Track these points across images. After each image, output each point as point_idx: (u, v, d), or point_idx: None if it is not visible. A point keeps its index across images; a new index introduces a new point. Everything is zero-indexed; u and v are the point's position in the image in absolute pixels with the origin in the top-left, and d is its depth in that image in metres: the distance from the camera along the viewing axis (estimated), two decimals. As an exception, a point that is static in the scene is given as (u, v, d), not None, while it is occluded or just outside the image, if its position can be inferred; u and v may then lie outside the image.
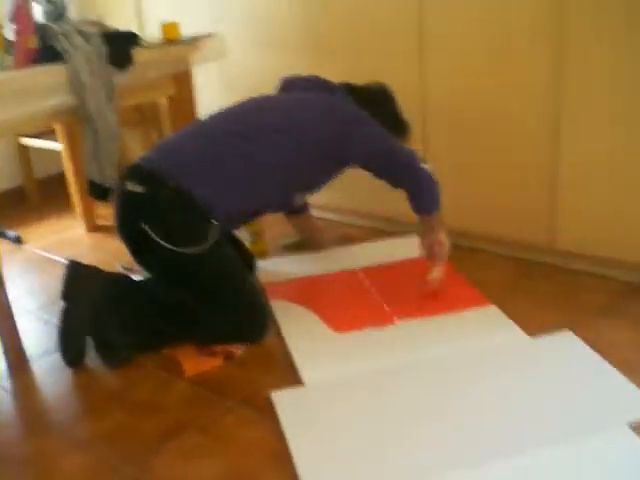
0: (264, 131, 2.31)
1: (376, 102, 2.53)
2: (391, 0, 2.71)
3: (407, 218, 2.93)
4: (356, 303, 2.43)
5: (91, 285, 2.22)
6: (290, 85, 2.53)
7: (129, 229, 2.24)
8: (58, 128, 3.32)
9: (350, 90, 2.54)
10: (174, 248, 2.16)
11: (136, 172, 2.26)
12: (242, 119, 2.39)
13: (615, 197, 2.39)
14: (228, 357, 2.19)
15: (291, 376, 2.07)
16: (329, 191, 2.61)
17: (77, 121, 2.59)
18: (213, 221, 2.21)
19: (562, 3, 2.29)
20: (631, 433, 1.69)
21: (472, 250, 2.84)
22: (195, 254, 2.18)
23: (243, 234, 2.84)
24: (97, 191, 2.62)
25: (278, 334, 2.30)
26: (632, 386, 1.87)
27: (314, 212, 3.04)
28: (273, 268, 2.76)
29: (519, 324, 2.22)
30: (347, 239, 3.03)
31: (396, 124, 2.56)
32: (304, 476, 1.64)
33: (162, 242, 2.15)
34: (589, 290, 2.45)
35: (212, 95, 3.27)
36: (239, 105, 2.46)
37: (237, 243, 2.61)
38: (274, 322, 2.36)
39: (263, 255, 2.90)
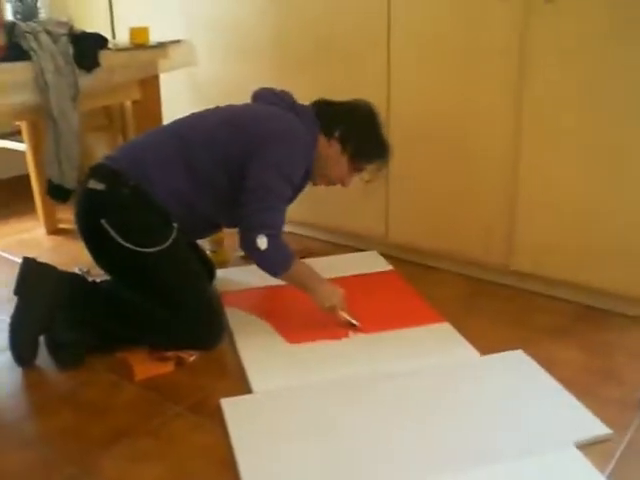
0: (208, 141, 2.31)
1: (351, 121, 2.44)
2: (360, 15, 2.74)
3: (369, 234, 2.98)
4: (311, 315, 2.43)
5: (45, 282, 2.21)
6: (258, 96, 2.53)
7: (89, 226, 2.25)
8: (24, 128, 3.30)
9: (321, 109, 2.47)
10: (132, 247, 2.17)
11: (99, 170, 2.28)
12: (195, 125, 2.39)
13: (570, 221, 2.43)
14: (179, 363, 2.18)
15: (242, 384, 2.07)
16: (294, 204, 2.62)
17: (40, 120, 2.58)
18: (173, 223, 2.23)
19: (525, 29, 2.33)
20: (577, 452, 1.71)
21: (428, 268, 2.88)
22: (152, 254, 2.19)
23: (204, 243, 2.85)
24: (56, 192, 2.62)
25: (231, 342, 2.30)
26: (580, 406, 1.90)
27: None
28: (231, 277, 2.76)
29: (471, 342, 2.24)
30: (308, 252, 3.03)
31: (374, 144, 2.47)
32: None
33: (120, 240, 2.17)
34: (542, 311, 2.49)
35: (179, 101, 3.27)
36: (202, 112, 2.47)
37: (198, 251, 2.62)
38: (228, 330, 2.36)
39: (223, 264, 2.90)
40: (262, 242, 2.18)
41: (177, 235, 2.24)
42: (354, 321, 2.34)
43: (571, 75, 2.29)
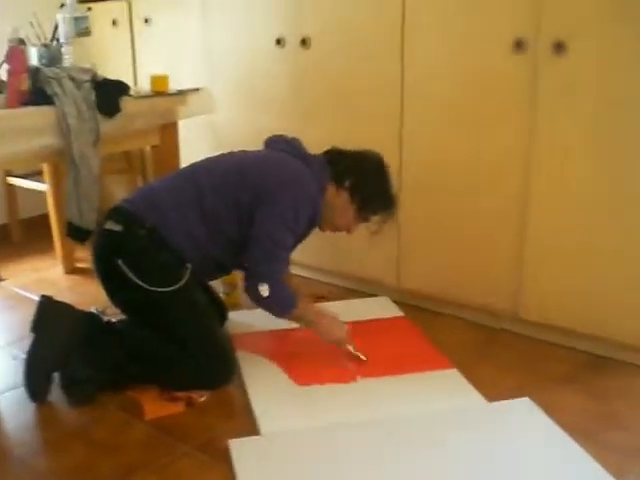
0: (220, 187, 2.36)
1: (361, 172, 2.47)
2: (375, 67, 2.81)
3: (381, 280, 3.01)
4: (320, 358, 2.47)
5: (61, 320, 2.26)
6: (270, 143, 2.57)
7: (106, 266, 2.31)
8: (45, 169, 3.38)
9: (333, 158, 2.51)
10: (147, 286, 2.23)
11: (116, 212, 2.35)
12: (210, 170, 2.45)
13: (579, 272, 2.45)
14: (189, 403, 2.21)
15: (250, 425, 2.10)
16: (306, 250, 2.67)
17: (61, 162, 2.66)
18: (187, 264, 2.29)
19: (535, 81, 2.38)
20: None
21: (438, 314, 2.90)
22: (166, 293, 2.24)
23: (217, 286, 2.89)
24: (75, 233, 2.68)
25: (240, 384, 2.33)
26: (585, 455, 1.90)
27: (292, 269, 3.10)
28: (243, 320, 2.79)
29: (479, 389, 2.26)
30: (321, 297, 3.07)
31: (381, 197, 2.50)
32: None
33: (136, 279, 2.23)
34: (550, 359, 2.50)
35: (197, 145, 3.34)
36: (217, 156, 2.54)
37: (210, 293, 2.66)
38: (238, 371, 2.38)
39: (236, 307, 2.94)
40: (264, 290, 2.27)
41: (190, 276, 2.29)
42: (361, 355, 2.40)
43: (580, 126, 2.33)
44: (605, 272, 2.40)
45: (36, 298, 2.31)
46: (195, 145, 3.33)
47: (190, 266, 2.30)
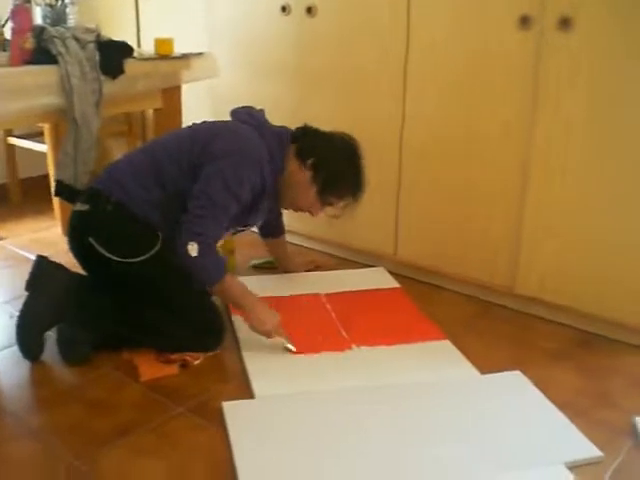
0: (173, 153, 2.37)
1: (327, 153, 2.43)
2: (378, 40, 2.81)
3: (378, 251, 3.03)
4: (316, 326, 2.49)
5: (55, 281, 2.28)
6: (233, 114, 2.54)
7: (79, 246, 2.34)
8: (46, 130, 3.37)
9: (303, 134, 2.49)
10: (120, 259, 2.26)
11: (84, 193, 2.39)
12: (167, 140, 2.47)
13: (575, 249, 2.47)
14: (184, 365, 2.23)
15: (245, 390, 2.12)
16: (302, 218, 2.68)
17: (62, 122, 2.66)
18: (158, 233, 2.30)
19: (539, 58, 2.38)
20: (567, 472, 1.75)
21: (434, 287, 2.92)
22: (140, 263, 2.27)
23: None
24: (65, 192, 2.68)
25: (237, 349, 2.35)
26: (573, 428, 1.93)
27: (289, 237, 3.12)
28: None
29: (471, 361, 2.28)
30: (316, 266, 3.08)
31: (345, 182, 2.45)
32: (244, 484, 1.69)
33: (108, 254, 2.26)
34: (543, 335, 2.53)
35: (199, 110, 3.33)
36: (177, 129, 2.59)
37: None
38: (234, 337, 2.42)
39: (231, 272, 2.95)
40: (193, 249, 2.18)
41: (163, 244, 2.30)
42: (290, 345, 2.33)
43: (583, 103, 2.33)
44: (601, 250, 2.41)
45: (34, 258, 2.32)
46: (196, 110, 3.32)
47: (161, 234, 2.31)
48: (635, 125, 2.26)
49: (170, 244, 2.27)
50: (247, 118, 2.46)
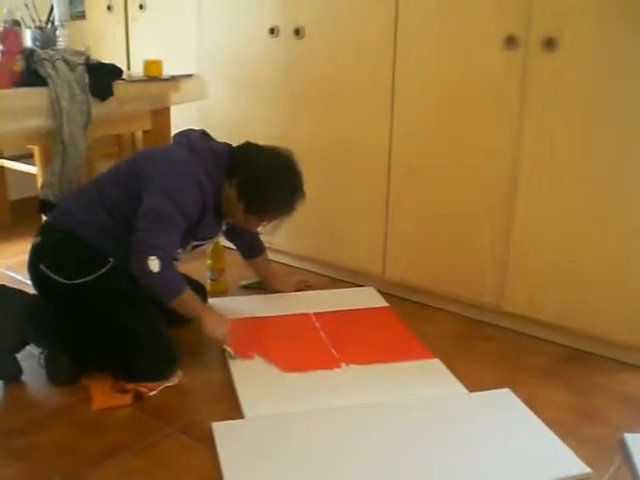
0: (116, 179, 2.41)
1: (251, 171, 2.41)
2: (366, 57, 2.83)
3: (366, 270, 3.04)
4: (305, 345, 2.50)
5: (15, 302, 2.33)
6: (173, 138, 2.57)
7: (34, 277, 2.38)
8: (36, 152, 3.38)
9: (239, 151, 2.49)
10: (65, 281, 2.29)
11: (41, 226, 2.45)
12: (110, 169, 2.51)
13: (563, 267, 2.48)
14: (138, 397, 2.18)
15: (234, 410, 2.12)
16: (291, 238, 2.69)
17: (50, 144, 2.67)
18: (109, 258, 2.32)
19: (525, 77, 2.41)
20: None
21: (423, 306, 2.93)
22: (86, 285, 2.29)
23: (204, 271, 2.92)
24: (50, 210, 2.68)
25: (226, 369, 2.35)
26: (561, 445, 1.94)
27: (279, 258, 3.14)
28: (229, 306, 2.80)
29: (460, 379, 2.29)
30: (307, 285, 3.08)
31: (269, 200, 2.44)
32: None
33: (54, 276, 2.29)
34: (531, 352, 2.54)
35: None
36: (131, 156, 2.62)
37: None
38: (224, 357, 2.42)
39: (223, 293, 2.96)
40: (154, 264, 2.17)
41: (113, 269, 2.32)
42: (234, 355, 2.37)
43: (568, 122, 2.36)
44: (588, 268, 2.43)
45: (22, 279, 2.33)
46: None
47: (112, 260, 2.32)
48: (620, 144, 2.28)
49: (122, 270, 2.29)
50: (182, 139, 2.49)
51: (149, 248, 2.20)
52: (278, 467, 1.83)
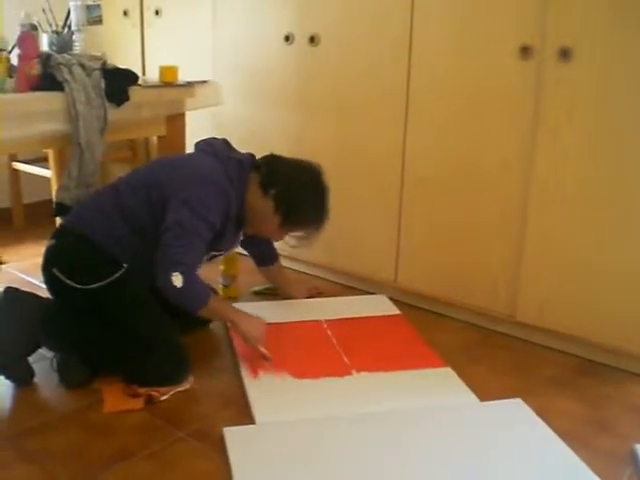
0: (136, 188, 2.40)
1: (288, 184, 2.43)
2: (381, 66, 2.84)
3: (379, 278, 3.04)
4: (317, 352, 2.50)
5: (26, 305, 2.33)
6: (195, 146, 2.58)
7: (48, 280, 2.38)
8: (50, 156, 3.40)
9: (267, 163, 2.49)
10: (78, 286, 2.29)
11: (56, 229, 2.46)
12: (130, 176, 2.51)
13: (576, 276, 2.48)
14: (149, 401, 2.18)
15: (246, 416, 2.12)
16: (308, 248, 2.69)
17: (66, 148, 2.68)
18: (122, 264, 2.32)
19: (540, 88, 2.41)
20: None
21: (435, 314, 2.93)
22: (98, 290, 2.29)
23: (216, 277, 2.93)
24: (65, 214, 2.69)
25: (237, 374, 2.36)
26: (573, 456, 1.93)
27: (291, 265, 3.14)
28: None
29: (472, 388, 2.28)
30: (318, 292, 3.09)
31: (306, 214, 2.47)
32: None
33: (67, 281, 2.29)
34: (544, 362, 2.53)
35: (203, 137, 3.35)
36: (141, 166, 2.63)
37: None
38: (234, 362, 2.42)
39: (234, 299, 2.97)
40: (177, 280, 2.19)
41: (125, 275, 2.32)
42: (268, 356, 2.37)
43: (581, 134, 2.36)
44: (602, 279, 2.43)
45: (36, 282, 2.34)
46: (200, 137, 3.32)
47: (126, 266, 2.32)
48: (634, 158, 2.28)
49: (135, 276, 2.32)
50: (206, 147, 2.50)
51: (172, 264, 2.21)
52: (289, 473, 1.83)
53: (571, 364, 2.53)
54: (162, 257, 2.24)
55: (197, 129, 3.37)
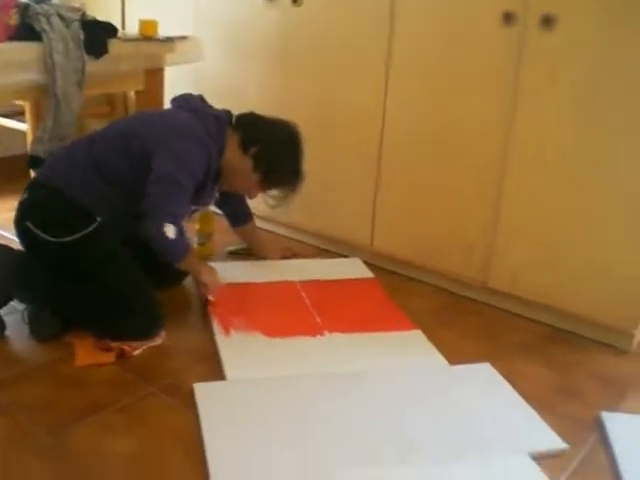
0: (113, 139, 2.39)
1: (268, 144, 2.47)
2: (364, 27, 2.82)
3: (354, 241, 3.05)
4: (290, 312, 2.51)
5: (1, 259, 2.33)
6: (172, 102, 2.58)
7: (21, 233, 2.36)
8: (27, 108, 3.35)
9: (245, 122, 2.52)
10: (51, 239, 2.27)
11: (29, 183, 2.44)
12: (106, 128, 2.49)
13: (548, 246, 2.50)
14: (121, 355, 2.19)
15: (217, 372, 2.14)
16: (284, 209, 2.69)
17: (42, 99, 2.66)
18: (96, 217, 2.30)
19: (520, 54, 2.41)
20: (531, 462, 1.78)
21: (409, 279, 2.95)
22: (71, 243, 2.27)
23: (192, 235, 2.92)
24: (39, 166, 2.68)
25: (209, 332, 2.37)
26: (538, 419, 1.97)
27: (267, 226, 3.14)
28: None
29: (442, 352, 2.31)
30: (292, 254, 3.09)
31: (285, 174, 2.53)
32: (212, 463, 1.71)
33: (41, 234, 2.28)
34: (513, 329, 2.56)
35: (181, 92, 3.33)
36: (125, 117, 2.64)
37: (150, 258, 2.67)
38: (207, 320, 2.43)
39: (208, 258, 2.96)
40: (169, 230, 2.22)
41: (99, 228, 2.30)
42: (210, 297, 2.48)
43: (563, 102, 2.36)
44: (574, 249, 2.45)
45: (11, 236, 2.33)
46: (179, 92, 3.31)
47: (99, 219, 2.30)
48: (614, 125, 2.29)
49: (108, 229, 2.31)
50: (183, 103, 2.50)
51: (164, 215, 2.23)
52: (258, 429, 1.85)
53: (540, 332, 2.56)
54: (152, 208, 2.24)
55: (176, 84, 3.33)
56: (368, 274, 2.92)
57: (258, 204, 2.73)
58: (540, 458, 1.81)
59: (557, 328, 2.58)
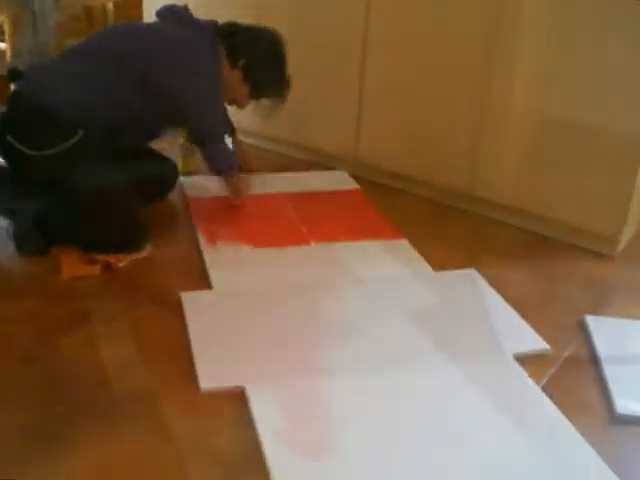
0: (108, 57, 2.34)
1: (255, 54, 2.50)
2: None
3: (339, 152, 3.03)
4: (276, 224, 2.52)
5: None
6: (159, 14, 2.54)
7: (1, 147, 2.32)
8: (6, 24, 3.28)
9: (228, 32, 2.51)
10: (32, 152, 2.23)
11: (9, 95, 2.36)
12: (101, 42, 2.43)
13: (534, 154, 2.50)
14: (107, 267, 2.20)
15: (203, 282, 2.15)
16: (268, 122, 2.67)
17: (19, 14, 2.60)
18: (78, 129, 2.25)
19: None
20: (514, 362, 1.82)
21: (395, 189, 2.93)
22: (55, 157, 2.24)
23: (174, 149, 2.90)
24: (19, 79, 2.63)
25: (196, 244, 2.37)
26: (522, 322, 2.00)
27: (253, 140, 3.11)
28: (200, 184, 2.82)
29: (427, 260, 2.32)
30: (278, 167, 3.08)
31: (275, 81, 2.57)
32: (200, 370, 1.72)
33: (22, 148, 2.23)
34: (499, 237, 2.57)
35: (159, 4, 3.26)
36: (108, 29, 2.59)
37: (155, 157, 2.70)
38: (194, 232, 2.44)
39: (193, 171, 2.94)
40: (229, 145, 2.42)
41: (82, 140, 2.26)
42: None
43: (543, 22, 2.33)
44: (561, 158, 2.44)
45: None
46: (158, 3, 3.25)
47: (82, 131, 2.26)
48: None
49: (91, 141, 2.27)
50: (167, 13, 2.50)
51: (221, 135, 2.45)
52: (244, 335, 1.87)
53: (526, 239, 2.57)
54: (208, 134, 2.44)
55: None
56: (354, 185, 2.91)
57: (242, 118, 2.70)
58: (524, 359, 1.83)
59: (543, 235, 2.59)
